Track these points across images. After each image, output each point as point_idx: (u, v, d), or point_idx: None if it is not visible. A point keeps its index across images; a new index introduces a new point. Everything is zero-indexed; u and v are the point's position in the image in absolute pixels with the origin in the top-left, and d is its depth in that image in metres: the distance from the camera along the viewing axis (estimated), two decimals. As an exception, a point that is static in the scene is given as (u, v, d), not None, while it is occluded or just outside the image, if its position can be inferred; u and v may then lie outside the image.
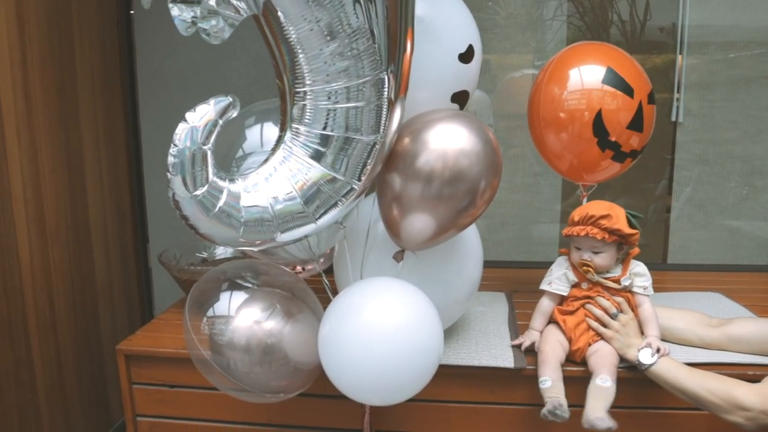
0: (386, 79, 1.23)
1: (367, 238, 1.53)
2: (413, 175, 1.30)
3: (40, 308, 2.20)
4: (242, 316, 1.43)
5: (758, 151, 2.69)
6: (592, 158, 1.78)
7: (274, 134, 1.32)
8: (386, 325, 1.29)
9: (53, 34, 2.22)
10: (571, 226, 1.55)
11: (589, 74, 1.75)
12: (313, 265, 1.67)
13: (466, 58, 1.50)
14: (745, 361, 1.54)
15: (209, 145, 1.19)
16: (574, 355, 1.56)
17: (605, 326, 1.54)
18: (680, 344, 1.63)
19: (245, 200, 1.23)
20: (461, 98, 1.55)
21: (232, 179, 1.24)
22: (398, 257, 1.46)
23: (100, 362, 2.57)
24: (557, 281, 1.60)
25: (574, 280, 1.59)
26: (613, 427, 1.35)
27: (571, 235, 1.55)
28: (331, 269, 1.70)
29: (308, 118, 1.22)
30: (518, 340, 1.64)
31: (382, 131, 1.25)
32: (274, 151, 1.27)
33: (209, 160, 1.19)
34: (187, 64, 2.68)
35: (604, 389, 1.43)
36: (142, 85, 2.74)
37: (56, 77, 2.24)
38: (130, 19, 2.72)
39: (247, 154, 1.51)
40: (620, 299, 1.55)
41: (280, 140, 1.27)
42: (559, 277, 1.60)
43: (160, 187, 1.13)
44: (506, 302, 2.01)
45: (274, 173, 1.25)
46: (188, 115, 1.18)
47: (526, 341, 1.61)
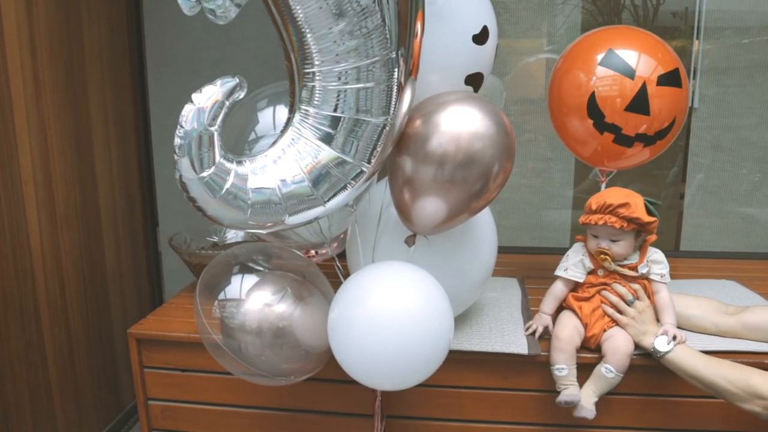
0: (396, 59, 1.20)
1: (379, 222, 1.51)
2: (425, 157, 1.28)
3: (50, 291, 2.20)
4: (253, 299, 1.42)
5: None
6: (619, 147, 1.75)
7: (286, 117, 1.30)
8: (395, 309, 1.28)
9: (61, 15, 2.20)
10: (588, 214, 1.53)
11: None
12: (325, 249, 1.66)
13: (480, 39, 1.47)
14: (762, 349, 1.53)
15: (216, 126, 1.17)
16: (588, 341, 1.54)
17: (621, 313, 1.52)
18: (696, 332, 1.61)
19: (253, 182, 1.21)
20: (476, 80, 1.52)
21: (239, 161, 1.22)
22: (410, 242, 1.45)
23: (110, 345, 2.58)
24: (573, 267, 1.58)
25: (590, 266, 1.57)
26: (588, 417, 1.45)
27: (588, 223, 1.53)
28: (344, 254, 1.68)
29: (317, 99, 1.20)
30: (531, 327, 1.62)
31: (392, 112, 1.23)
32: (282, 133, 1.25)
33: (216, 141, 1.18)
34: (196, 46, 2.66)
35: (605, 378, 1.47)
36: (150, 67, 2.72)
37: (65, 59, 2.23)
38: (139, 1, 2.69)
39: (259, 137, 1.50)
40: (637, 286, 1.54)
41: (288, 122, 1.25)
42: (575, 263, 1.58)
43: (169, 170, 1.13)
44: (519, 288, 1.99)
45: (282, 156, 1.23)
46: (195, 96, 1.17)
47: (538, 327, 1.60)
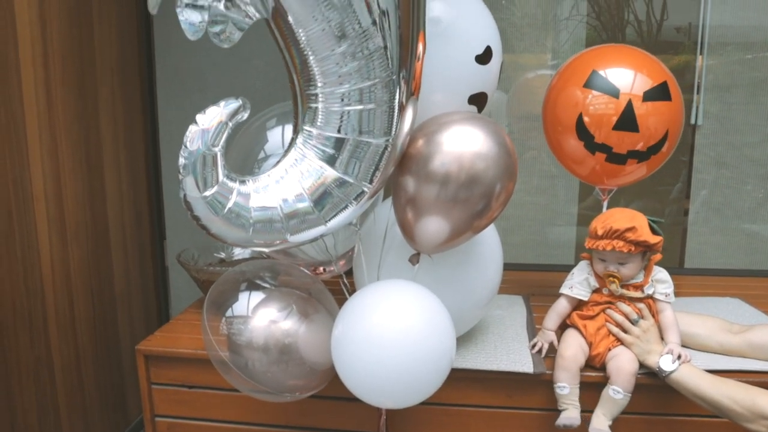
0: (398, 80, 1.23)
1: (384, 240, 1.53)
2: (428, 177, 1.30)
3: (59, 307, 2.22)
4: (260, 316, 1.44)
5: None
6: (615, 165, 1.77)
7: (293, 137, 1.33)
8: (396, 327, 1.29)
9: (74, 34, 2.23)
10: (594, 239, 1.53)
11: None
12: (333, 266, 1.67)
13: (483, 59, 1.50)
14: (767, 368, 1.53)
15: (219, 147, 1.21)
16: (593, 360, 1.55)
17: (626, 332, 1.53)
18: (701, 350, 1.62)
19: (255, 201, 1.24)
20: (479, 100, 1.54)
21: (242, 181, 1.25)
22: (414, 260, 1.46)
23: (117, 361, 2.59)
24: (578, 286, 1.59)
25: (595, 285, 1.58)
26: None
27: (596, 248, 1.53)
28: (352, 271, 1.70)
29: (320, 120, 1.23)
30: (537, 345, 1.63)
31: (393, 133, 1.25)
32: (286, 153, 1.28)
33: (219, 161, 1.21)
34: (205, 64, 2.69)
35: (614, 401, 1.46)
36: (160, 84, 2.76)
37: (77, 77, 2.26)
38: (149, 19, 2.73)
39: (268, 155, 1.53)
40: (641, 305, 1.55)
41: (292, 143, 1.28)
42: (580, 282, 1.59)
43: (177, 185, 1.17)
44: (524, 305, 2.00)
45: (285, 176, 1.26)
46: (199, 117, 1.20)
47: (544, 344, 1.61)
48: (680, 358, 1.46)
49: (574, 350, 1.52)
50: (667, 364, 1.46)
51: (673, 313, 1.56)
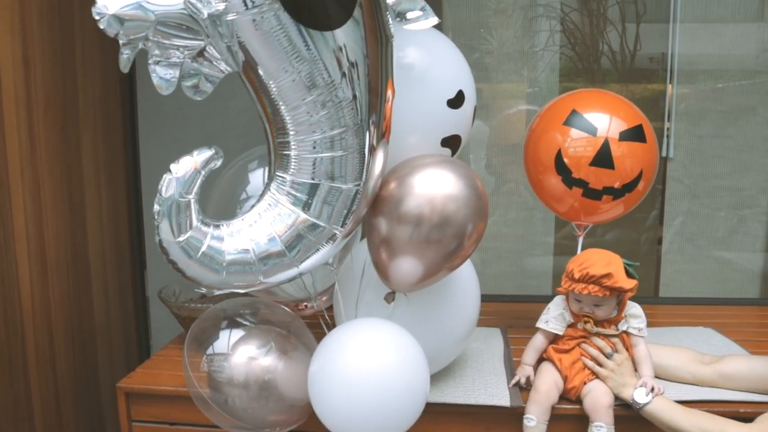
0: (368, 126, 1.27)
1: (361, 278, 1.55)
2: (401, 219, 1.34)
3: (39, 345, 2.21)
4: (240, 353, 1.46)
5: (746, 184, 2.73)
6: (591, 201, 1.83)
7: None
8: (370, 365, 1.32)
9: (57, 74, 2.26)
10: (571, 281, 1.55)
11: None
12: (313, 303, 1.70)
13: (455, 103, 1.53)
14: (737, 398, 1.57)
15: (192, 194, 1.25)
16: (569, 393, 1.58)
17: (601, 365, 1.57)
18: (673, 381, 1.65)
19: (228, 245, 1.28)
20: (453, 143, 1.57)
21: (216, 225, 1.29)
22: (389, 298, 1.50)
23: (97, 398, 2.57)
24: (554, 320, 1.63)
25: (570, 320, 1.62)
26: None
27: (572, 290, 1.56)
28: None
29: (293, 167, 1.27)
30: (515, 380, 1.65)
31: (364, 177, 1.30)
32: (260, 198, 1.32)
33: (193, 207, 1.26)
34: (187, 100, 2.68)
35: None
36: (142, 121, 2.78)
37: (59, 116, 2.28)
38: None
39: (249, 196, 1.55)
40: (615, 339, 1.59)
41: (266, 188, 1.32)
42: (556, 317, 1.63)
43: None
44: (501, 338, 2.03)
45: (258, 219, 1.30)
46: (172, 166, 1.25)
47: (521, 379, 1.64)
48: (654, 390, 1.50)
49: (548, 386, 1.55)
50: (641, 396, 1.49)
51: (646, 347, 1.59)
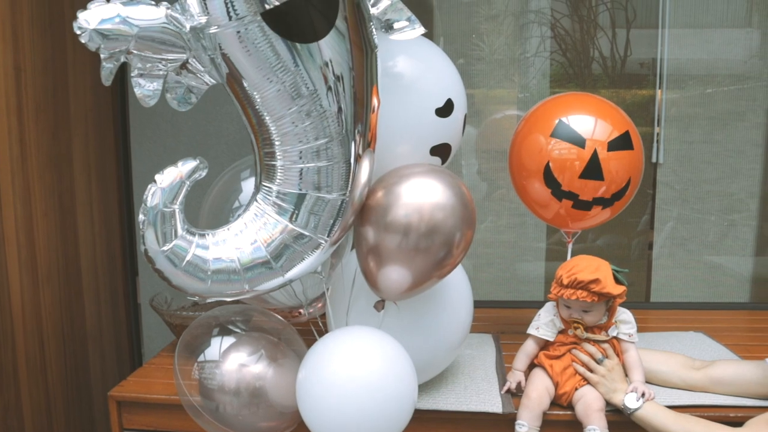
0: (353, 136, 1.27)
1: (352, 286, 1.56)
2: (389, 228, 1.34)
3: (30, 352, 2.20)
4: (231, 360, 1.46)
5: (735, 188, 2.75)
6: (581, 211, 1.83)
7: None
8: (356, 373, 1.33)
9: (48, 81, 2.26)
10: (560, 286, 1.56)
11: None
12: (304, 310, 1.70)
13: (443, 112, 1.53)
14: (727, 403, 1.58)
15: (177, 204, 1.26)
16: (560, 399, 1.59)
17: (591, 371, 1.57)
18: (664, 386, 1.66)
19: (213, 254, 1.28)
20: (442, 151, 1.57)
21: (201, 234, 1.29)
22: (378, 306, 1.50)
23: (88, 405, 2.56)
24: (544, 327, 1.64)
25: (560, 326, 1.63)
26: None
27: (560, 296, 1.57)
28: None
29: (279, 177, 1.27)
30: (506, 386, 1.66)
31: (350, 187, 1.30)
32: (246, 208, 1.32)
33: (178, 216, 1.26)
34: (178, 108, 2.72)
35: None
36: (134, 128, 2.77)
37: (50, 123, 2.28)
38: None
39: (242, 205, 1.55)
40: (606, 345, 1.59)
41: (252, 198, 1.32)
42: (546, 323, 1.64)
43: None
44: (493, 345, 2.03)
45: (244, 229, 1.30)
46: (157, 176, 1.25)
47: (512, 384, 1.64)
48: (644, 395, 1.50)
49: (539, 392, 1.56)
50: (631, 401, 1.50)
51: (636, 352, 1.60)
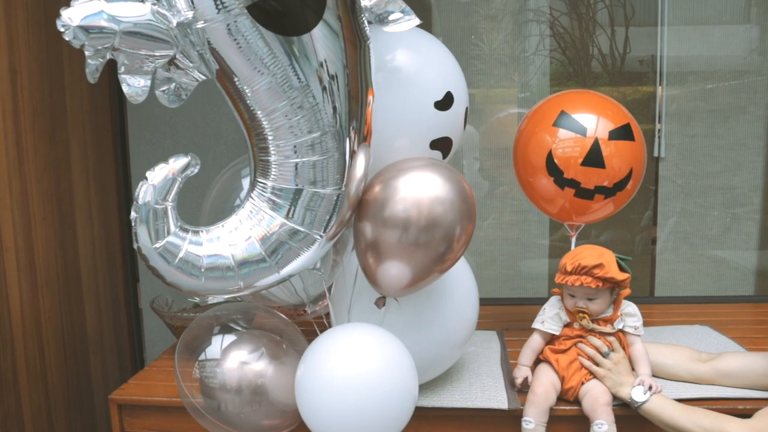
0: (348, 131, 1.26)
1: (354, 283, 1.54)
2: (387, 222, 1.32)
3: (30, 358, 2.18)
4: (232, 358, 1.45)
5: (738, 182, 2.74)
6: (583, 201, 1.82)
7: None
8: (355, 370, 1.31)
9: (45, 84, 2.25)
10: (563, 274, 1.57)
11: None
12: (308, 308, 1.68)
13: (443, 105, 1.51)
14: (734, 395, 1.56)
15: (170, 200, 1.25)
16: (566, 393, 1.57)
17: (597, 365, 1.56)
18: (671, 380, 1.64)
19: (206, 250, 1.27)
20: (443, 145, 1.55)
21: (195, 231, 1.28)
22: (379, 303, 1.48)
23: (90, 409, 2.54)
24: (550, 321, 1.62)
25: (566, 320, 1.61)
26: None
27: (564, 283, 1.57)
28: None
29: (274, 173, 1.25)
30: (518, 380, 1.63)
31: (345, 182, 1.28)
32: (241, 205, 1.31)
33: (170, 213, 1.25)
34: (176, 110, 2.70)
35: None
36: (132, 130, 2.76)
37: (47, 126, 2.26)
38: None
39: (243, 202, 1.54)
40: (612, 338, 1.58)
41: (247, 195, 1.31)
42: (552, 317, 1.62)
43: None
44: (498, 341, 2.02)
45: (239, 226, 1.28)
46: (148, 174, 1.24)
47: (519, 379, 1.62)
48: (651, 388, 1.49)
49: (545, 387, 1.54)
50: (638, 395, 1.49)
51: (642, 345, 1.59)
